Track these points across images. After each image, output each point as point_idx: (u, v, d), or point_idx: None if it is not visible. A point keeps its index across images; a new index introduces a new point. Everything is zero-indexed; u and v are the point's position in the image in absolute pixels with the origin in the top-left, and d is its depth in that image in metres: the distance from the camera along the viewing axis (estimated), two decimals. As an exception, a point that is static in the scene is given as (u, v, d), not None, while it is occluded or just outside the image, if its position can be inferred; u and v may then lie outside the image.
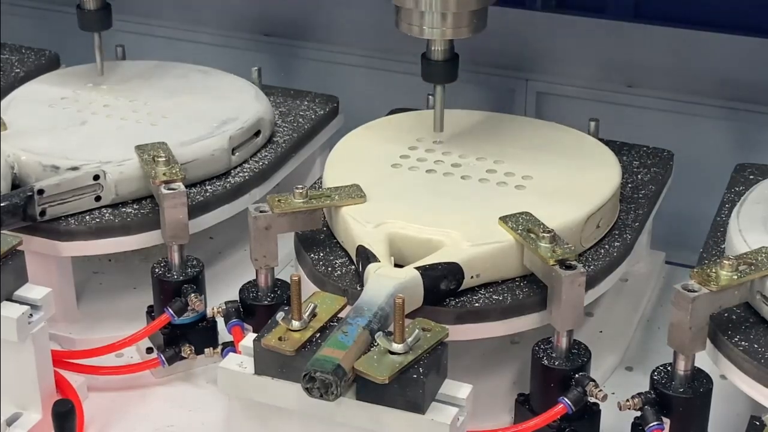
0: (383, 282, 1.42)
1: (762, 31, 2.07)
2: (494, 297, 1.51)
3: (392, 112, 1.97)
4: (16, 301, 1.49)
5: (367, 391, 1.30)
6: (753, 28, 2.08)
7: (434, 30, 1.63)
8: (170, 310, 1.62)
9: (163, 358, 1.64)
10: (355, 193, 1.61)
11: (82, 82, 1.98)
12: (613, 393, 1.60)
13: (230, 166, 1.82)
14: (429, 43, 1.68)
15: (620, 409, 1.44)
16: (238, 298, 1.63)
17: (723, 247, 1.59)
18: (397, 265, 1.50)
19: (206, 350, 1.65)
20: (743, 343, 1.42)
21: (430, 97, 1.94)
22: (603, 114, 1.92)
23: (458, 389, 1.33)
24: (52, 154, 1.74)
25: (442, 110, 1.73)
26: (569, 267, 1.44)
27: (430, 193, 1.65)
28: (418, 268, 1.47)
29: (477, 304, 1.50)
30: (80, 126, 1.84)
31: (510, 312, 1.51)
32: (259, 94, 1.97)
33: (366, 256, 1.50)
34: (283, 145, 1.91)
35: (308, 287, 1.55)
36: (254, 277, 1.62)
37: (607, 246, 1.63)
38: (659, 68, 2.15)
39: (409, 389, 1.29)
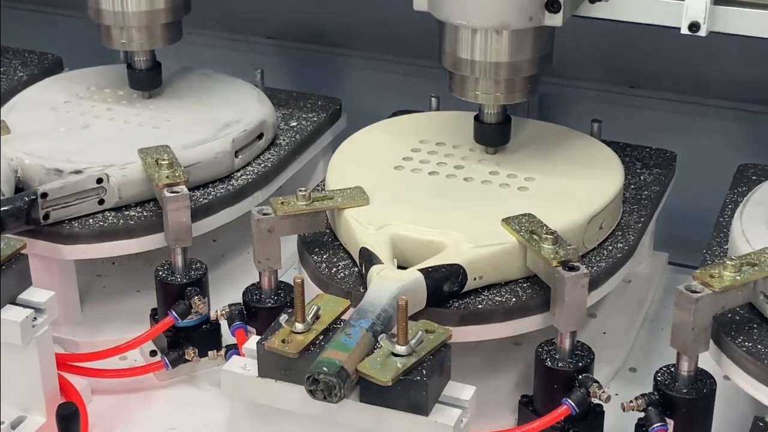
0: (386, 284, 1.42)
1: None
2: (497, 298, 1.51)
3: (395, 114, 1.97)
4: (19, 305, 1.49)
5: (371, 392, 1.30)
6: (755, 29, 2.08)
7: (487, 95, 1.65)
8: (174, 312, 1.62)
9: (167, 361, 1.64)
10: (358, 196, 1.61)
11: (85, 86, 1.98)
12: (617, 394, 1.60)
13: (233, 169, 1.82)
14: (481, 106, 1.70)
15: (624, 410, 1.44)
16: (241, 301, 1.63)
17: (726, 247, 1.59)
18: (400, 267, 1.50)
19: (209, 353, 1.65)
20: (746, 343, 1.42)
21: (433, 99, 1.94)
22: (606, 115, 1.92)
23: (462, 391, 1.33)
24: (55, 158, 1.74)
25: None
26: (572, 268, 1.44)
27: (433, 194, 1.65)
28: (421, 270, 1.47)
29: (480, 306, 1.50)
30: (83, 129, 1.85)
31: (513, 313, 1.51)
32: (262, 96, 1.97)
33: (369, 258, 1.50)
34: (286, 147, 1.91)
35: (311, 289, 1.55)
36: (257, 280, 1.63)
37: (610, 247, 1.63)
38: (662, 69, 2.15)
39: (413, 391, 1.29)
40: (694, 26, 1.55)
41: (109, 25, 1.87)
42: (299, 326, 1.34)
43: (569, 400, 1.44)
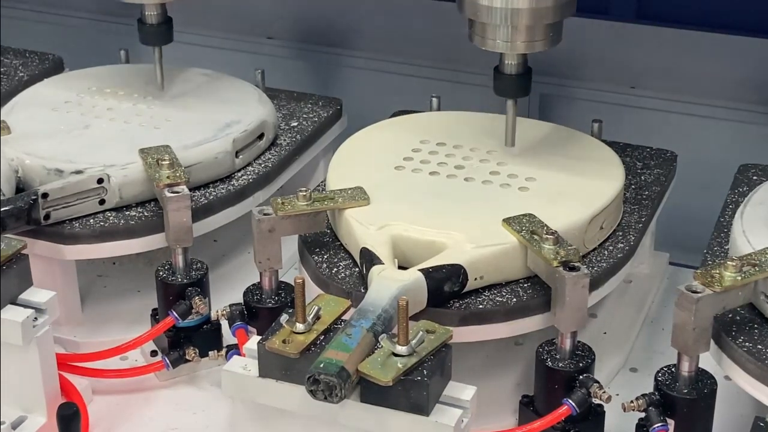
0: (387, 284, 1.42)
1: (765, 31, 2.07)
2: (498, 299, 1.51)
3: (395, 114, 1.97)
4: (20, 305, 1.49)
5: (371, 393, 1.30)
6: (756, 29, 2.08)
7: (507, 43, 1.62)
8: (174, 313, 1.62)
9: (168, 361, 1.64)
10: (358, 196, 1.61)
11: (86, 86, 1.98)
12: (617, 394, 1.60)
13: (234, 169, 1.82)
14: (501, 56, 1.67)
15: (624, 411, 1.44)
16: (242, 301, 1.63)
17: (727, 248, 1.59)
18: (400, 267, 1.50)
19: (210, 353, 1.65)
20: (747, 344, 1.42)
21: (433, 99, 1.94)
22: (606, 115, 1.92)
23: (462, 391, 1.33)
24: (55, 158, 1.74)
25: (514, 124, 1.72)
26: (573, 268, 1.44)
27: (434, 195, 1.65)
28: (421, 270, 1.47)
29: (481, 306, 1.50)
30: (84, 129, 1.85)
31: (514, 314, 1.51)
32: (263, 96, 1.97)
33: (370, 258, 1.50)
34: (287, 147, 1.91)
35: (312, 290, 1.55)
36: (258, 280, 1.63)
37: (610, 247, 1.63)
38: (662, 69, 2.15)
39: (413, 391, 1.29)
40: None
41: None
42: (300, 326, 1.34)
43: (570, 401, 1.44)
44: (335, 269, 1.57)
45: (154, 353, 1.71)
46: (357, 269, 1.56)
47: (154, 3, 1.89)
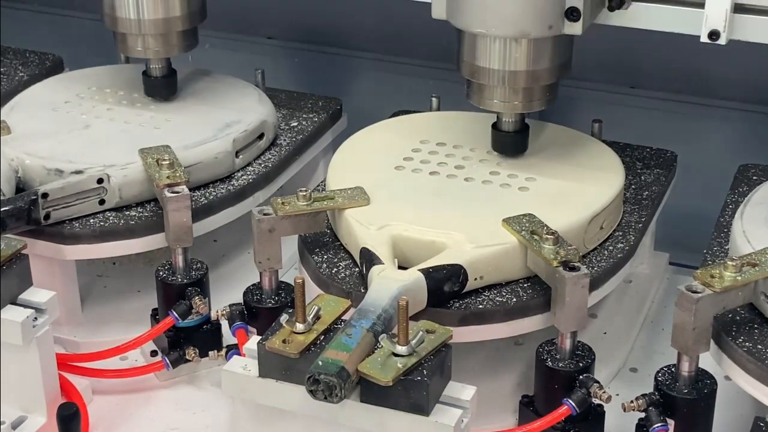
0: (387, 284, 1.42)
1: (765, 31, 2.07)
2: (498, 299, 1.51)
3: (395, 114, 1.97)
4: (20, 305, 1.49)
5: (371, 393, 1.30)
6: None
7: (504, 104, 1.65)
8: (174, 313, 1.62)
9: (168, 361, 1.65)
10: (358, 196, 1.61)
11: (86, 86, 1.98)
12: (617, 394, 1.60)
13: (234, 169, 1.82)
14: (499, 115, 1.70)
15: (624, 411, 1.44)
16: (242, 301, 1.63)
17: (727, 248, 1.59)
18: (400, 267, 1.50)
19: (210, 353, 1.65)
20: (747, 344, 1.42)
21: (433, 99, 1.94)
22: (606, 115, 1.92)
23: (462, 391, 1.33)
24: (55, 158, 1.74)
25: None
26: (573, 268, 1.44)
27: (434, 195, 1.65)
28: (421, 270, 1.47)
29: (481, 306, 1.50)
30: (84, 129, 1.85)
31: (514, 314, 1.51)
32: (263, 96, 1.97)
33: (370, 258, 1.50)
34: (287, 147, 1.91)
35: (312, 289, 1.55)
36: (258, 280, 1.63)
37: (610, 247, 1.63)
38: (662, 69, 2.15)
39: (413, 391, 1.29)
40: (714, 35, 1.54)
41: (125, 32, 1.87)
42: (300, 326, 1.34)
43: (570, 401, 1.44)
44: (335, 269, 1.57)
45: (154, 353, 1.71)
46: (357, 269, 1.56)
47: (159, 57, 1.90)
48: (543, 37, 1.58)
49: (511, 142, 1.72)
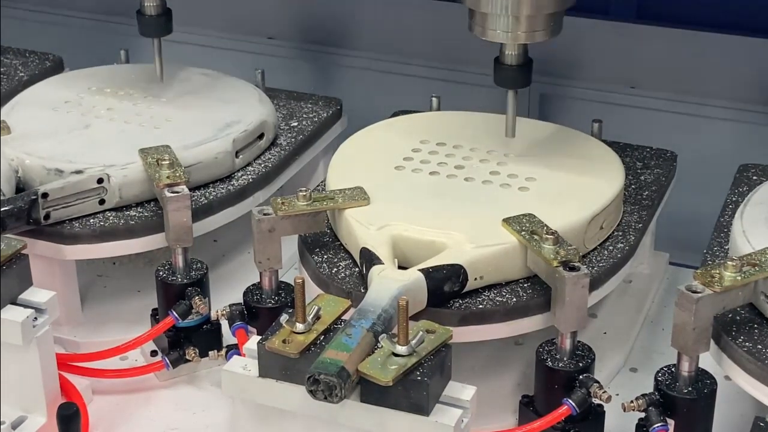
0: (387, 284, 1.42)
1: (765, 31, 2.07)
2: (498, 299, 1.51)
3: (395, 114, 1.97)
4: (20, 305, 1.49)
5: (371, 393, 1.30)
6: (756, 29, 2.08)
7: (507, 34, 1.61)
8: (174, 313, 1.62)
9: (168, 361, 1.64)
10: (358, 196, 1.61)
11: (86, 86, 1.98)
12: (617, 394, 1.60)
13: (234, 169, 1.82)
14: (502, 47, 1.66)
15: (624, 411, 1.44)
16: (242, 301, 1.63)
17: (727, 248, 1.59)
18: (400, 267, 1.50)
19: (210, 353, 1.65)
20: (747, 344, 1.42)
21: (433, 99, 1.94)
22: (606, 115, 1.92)
23: (462, 391, 1.33)
24: (55, 158, 1.74)
25: (514, 116, 1.71)
26: (573, 268, 1.44)
27: (434, 195, 1.65)
28: (421, 270, 1.47)
29: (481, 306, 1.50)
30: (84, 129, 1.85)
31: (514, 314, 1.51)
32: (263, 96, 1.97)
33: (370, 258, 1.50)
34: (287, 147, 1.91)
35: (312, 289, 1.55)
36: (258, 280, 1.63)
37: (610, 247, 1.63)
38: (662, 69, 2.15)
39: (413, 391, 1.29)
40: None
41: None
42: (300, 326, 1.34)
43: (570, 401, 1.44)
44: (335, 269, 1.57)
45: (154, 353, 1.71)
46: (357, 269, 1.56)
47: None
48: None
49: (512, 76, 1.68)
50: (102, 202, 1.71)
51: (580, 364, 1.47)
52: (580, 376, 1.46)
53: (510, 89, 1.70)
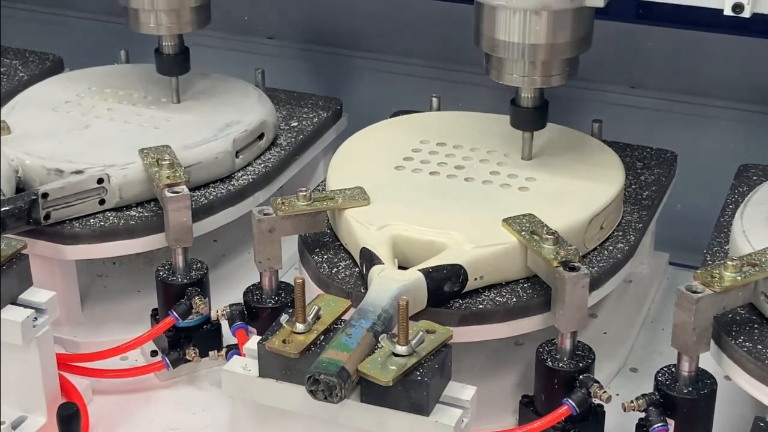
0: (387, 284, 1.42)
1: (765, 31, 2.07)
2: (498, 299, 1.51)
3: (395, 114, 1.97)
4: (20, 305, 1.49)
5: (371, 393, 1.30)
6: (756, 29, 2.08)
7: (523, 78, 1.62)
8: (174, 313, 1.62)
9: (168, 361, 1.64)
10: (358, 196, 1.61)
11: (86, 86, 1.98)
12: (618, 394, 1.60)
13: (234, 169, 1.82)
14: (518, 90, 1.68)
15: (624, 411, 1.44)
16: (242, 301, 1.63)
17: (727, 248, 1.59)
18: (400, 267, 1.50)
19: (210, 353, 1.65)
20: (747, 344, 1.42)
21: (433, 99, 1.94)
22: (606, 115, 1.92)
23: (462, 391, 1.33)
24: (55, 158, 1.74)
25: (530, 155, 1.73)
26: (573, 268, 1.44)
27: (434, 195, 1.65)
28: (422, 270, 1.47)
29: (481, 306, 1.50)
30: (84, 129, 1.85)
31: (514, 314, 1.51)
32: (263, 96, 1.97)
33: (370, 258, 1.50)
34: (287, 147, 1.91)
35: (312, 289, 1.55)
36: (258, 280, 1.63)
37: (610, 247, 1.63)
38: (662, 69, 2.15)
39: (413, 391, 1.29)
40: (738, 7, 1.52)
41: (137, 8, 1.85)
42: (300, 326, 1.34)
43: (570, 401, 1.44)
44: (335, 269, 1.57)
45: (154, 353, 1.71)
46: (357, 269, 1.56)
47: (171, 34, 1.88)
48: (564, 9, 1.57)
49: (529, 119, 1.70)
50: (102, 202, 1.71)
51: (580, 364, 1.47)
52: (580, 376, 1.46)
53: (527, 132, 1.71)
